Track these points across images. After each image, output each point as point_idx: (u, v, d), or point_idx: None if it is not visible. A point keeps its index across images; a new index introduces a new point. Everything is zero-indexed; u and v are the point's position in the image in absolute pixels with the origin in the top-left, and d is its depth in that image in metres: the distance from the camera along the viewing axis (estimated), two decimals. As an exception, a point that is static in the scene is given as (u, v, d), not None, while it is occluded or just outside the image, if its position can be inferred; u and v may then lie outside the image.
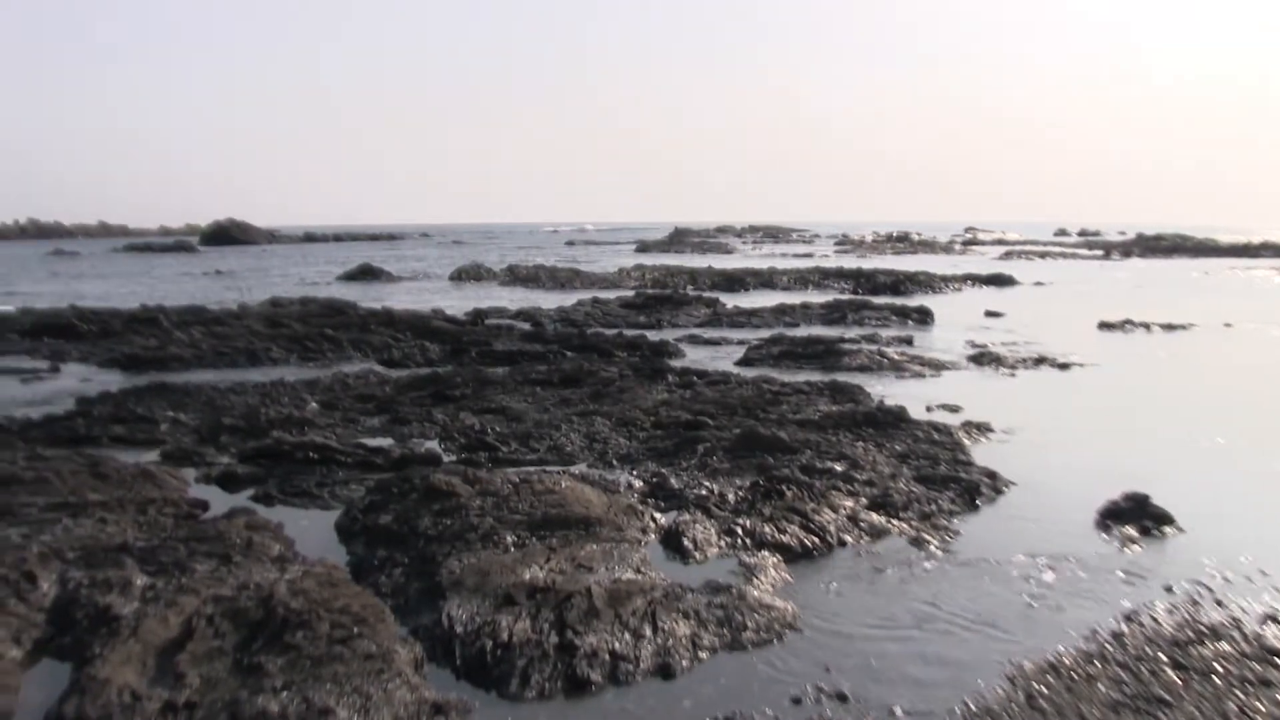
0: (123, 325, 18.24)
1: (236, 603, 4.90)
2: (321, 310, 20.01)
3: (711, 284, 29.08)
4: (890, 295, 25.12)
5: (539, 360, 13.61)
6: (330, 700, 3.99)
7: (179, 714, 4.01)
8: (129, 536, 6.12)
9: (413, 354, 14.64)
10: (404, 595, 5.29)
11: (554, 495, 6.52)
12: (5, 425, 9.79)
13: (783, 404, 10.01)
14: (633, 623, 4.76)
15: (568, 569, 5.40)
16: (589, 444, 8.67)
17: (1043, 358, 13.91)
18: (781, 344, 14.68)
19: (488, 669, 4.44)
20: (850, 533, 6.28)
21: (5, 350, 16.38)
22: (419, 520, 6.17)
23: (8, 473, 7.53)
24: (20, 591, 5.17)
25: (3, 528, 6.29)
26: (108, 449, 8.84)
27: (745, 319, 19.28)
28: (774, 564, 5.73)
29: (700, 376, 11.96)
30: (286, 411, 10.03)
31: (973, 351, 14.53)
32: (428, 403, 10.69)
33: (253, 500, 7.23)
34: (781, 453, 7.92)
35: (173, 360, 14.32)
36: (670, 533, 6.22)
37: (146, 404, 10.71)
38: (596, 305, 21.83)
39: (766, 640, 4.77)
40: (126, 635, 4.60)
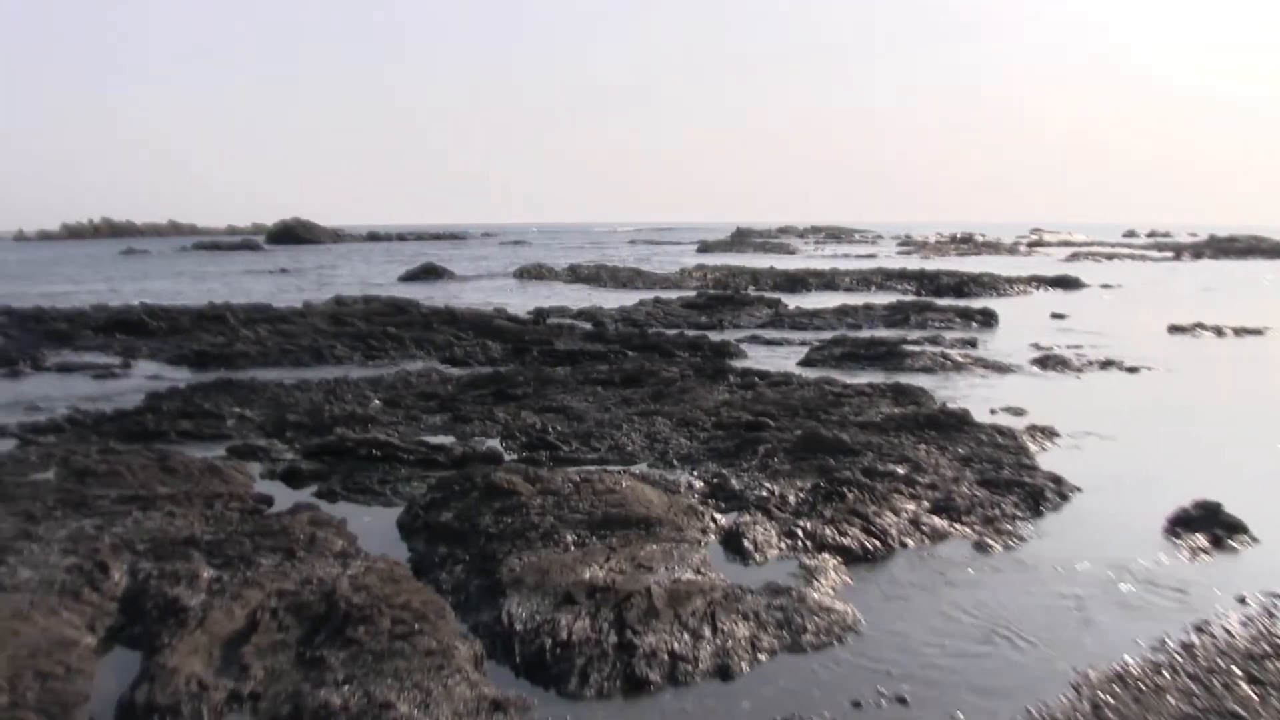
0: (191, 322, 18.55)
1: (300, 597, 4.97)
2: (384, 309, 20.23)
3: (773, 284, 28.96)
4: (954, 297, 24.85)
5: (600, 360, 13.63)
6: (391, 695, 4.03)
7: (244, 704, 4.08)
8: (196, 530, 6.23)
9: (475, 353, 14.73)
10: (464, 592, 5.32)
11: (614, 495, 6.54)
12: (80, 419, 10.01)
13: (844, 406, 9.95)
14: (692, 623, 4.76)
15: (628, 569, 5.41)
16: (650, 444, 8.67)
17: (1110, 361, 13.67)
18: (844, 345, 14.59)
19: (547, 667, 4.46)
20: (912, 536, 6.23)
21: (80, 346, 16.76)
22: (480, 518, 6.21)
23: (82, 465, 7.72)
24: (94, 581, 5.30)
25: (77, 518, 6.45)
26: (176, 444, 9.01)
27: (807, 320, 19.18)
28: (834, 566, 5.69)
29: (762, 377, 11.91)
30: (350, 409, 10.14)
31: (1038, 354, 14.32)
32: (489, 401, 10.76)
33: (316, 496, 7.33)
34: (843, 455, 7.86)
35: (239, 357, 14.55)
36: (730, 534, 6.21)
37: (214, 400, 10.89)
38: (658, 305, 21.83)
39: (826, 643, 4.74)
40: (194, 626, 4.68)
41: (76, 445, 8.71)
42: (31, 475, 7.67)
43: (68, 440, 9.11)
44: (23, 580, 5.24)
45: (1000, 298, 25.32)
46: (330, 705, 3.94)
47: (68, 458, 8.07)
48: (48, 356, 15.41)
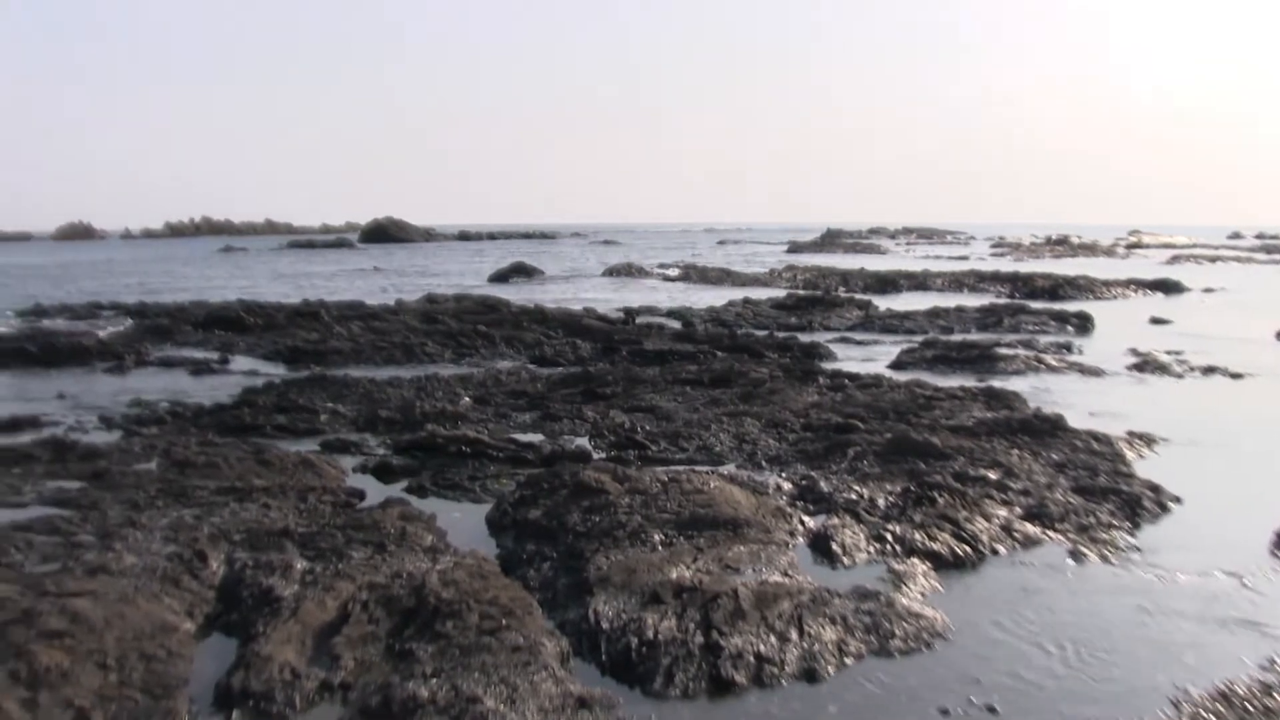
0: (286, 319, 18.94)
1: (390, 590, 5.05)
2: (475, 307, 20.45)
3: (864, 286, 28.71)
4: (1048, 300, 24.36)
5: (689, 360, 13.62)
6: (478, 689, 4.07)
7: (334, 694, 4.16)
8: (290, 522, 6.36)
9: (564, 351, 14.82)
10: (552, 589, 5.36)
11: (702, 495, 6.53)
12: (180, 413, 10.29)
13: (935, 409, 9.82)
14: (779, 626, 4.74)
15: (715, 569, 5.40)
16: (738, 444, 8.65)
17: (1213, 367, 13.26)
18: (935, 348, 14.41)
19: (632, 666, 4.47)
20: (1003, 543, 6.13)
21: (180, 342, 17.23)
22: (568, 516, 6.24)
23: (182, 457, 7.94)
24: (193, 569, 5.44)
25: (177, 508, 6.63)
26: (271, 437, 9.22)
27: (898, 322, 18.96)
28: (924, 572, 5.62)
29: (851, 379, 11.81)
30: (440, 405, 10.27)
31: (1136, 359, 13.97)
32: (578, 400, 10.82)
33: (407, 491, 7.43)
34: (933, 459, 7.77)
35: (333, 354, 14.81)
36: (819, 536, 6.17)
37: (308, 395, 11.10)
38: (747, 305, 21.76)
39: (915, 649, 4.68)
40: (287, 616, 4.79)
41: (177, 437, 8.98)
42: (135, 465, 7.91)
43: (169, 432, 9.38)
44: (128, 566, 5.41)
45: (1096, 301, 24.76)
46: (418, 697, 3.99)
47: (169, 449, 8.31)
48: (151, 351, 15.87)
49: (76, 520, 6.36)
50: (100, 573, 5.30)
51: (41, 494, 7.13)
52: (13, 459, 8.08)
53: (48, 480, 7.51)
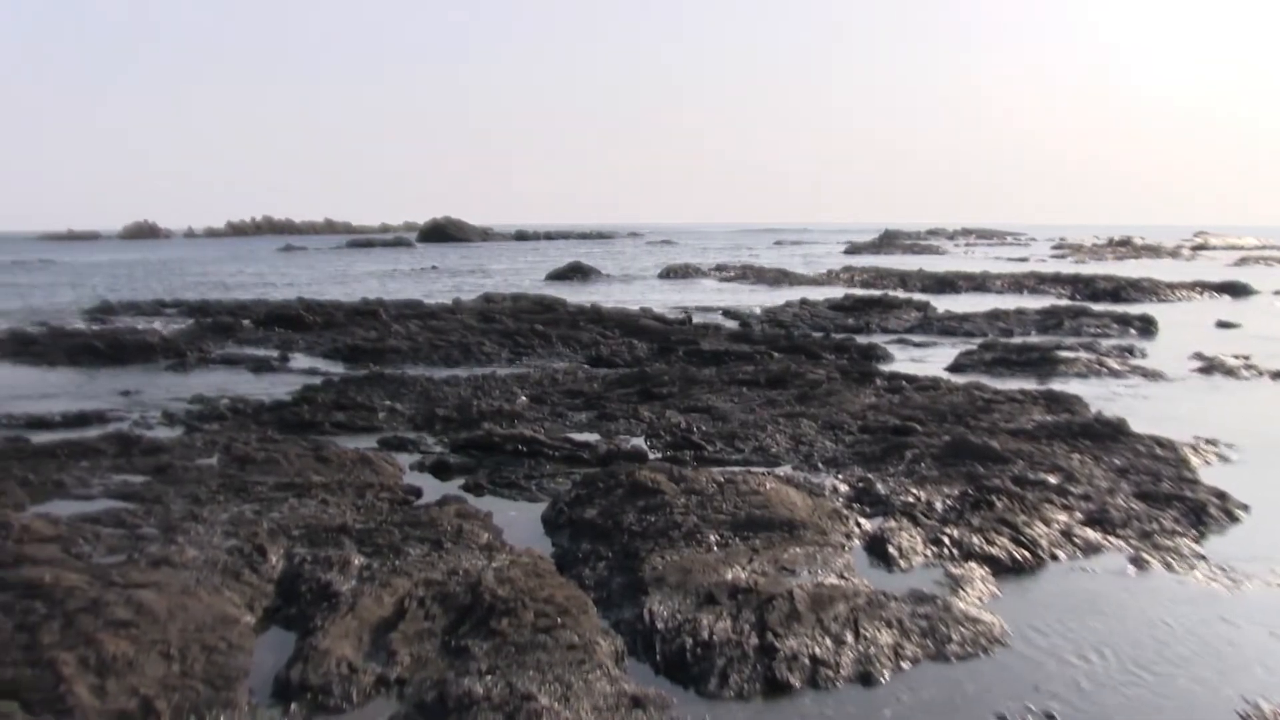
0: (345, 317, 19.15)
1: (446, 587, 5.08)
2: (532, 307, 20.55)
3: (922, 287, 28.48)
4: (1110, 302, 24.01)
5: (746, 360, 13.58)
6: (533, 687, 4.08)
7: (390, 689, 4.20)
8: (348, 518, 6.42)
9: (620, 351, 14.84)
10: (607, 588, 5.37)
11: (758, 496, 6.51)
12: (240, 409, 10.44)
13: (994, 412, 9.71)
14: (834, 628, 4.71)
15: (770, 571, 5.38)
16: (794, 446, 8.62)
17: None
18: (994, 350, 14.26)
19: (687, 666, 4.46)
20: (1063, 548, 6.04)
21: (242, 339, 17.47)
22: (624, 515, 6.25)
23: (242, 453, 8.04)
24: (253, 563, 5.52)
25: (238, 503, 6.73)
26: (330, 434, 9.33)
27: (956, 324, 18.78)
28: (981, 576, 5.56)
29: (909, 381, 11.72)
30: (497, 404, 10.33)
31: (1201, 363, 13.71)
32: (635, 400, 10.83)
33: (463, 489, 7.47)
34: (992, 462, 7.68)
35: (391, 352, 14.94)
36: (875, 539, 6.13)
37: (366, 393, 11.22)
38: (804, 306, 21.67)
39: (972, 654, 4.63)
40: (345, 611, 4.83)
41: (237, 434, 9.10)
42: (197, 461, 8.03)
43: (230, 429, 9.52)
44: (190, 559, 5.49)
45: (1161, 303, 24.34)
46: (473, 694, 4.02)
47: (230, 445, 8.43)
48: (212, 348, 16.12)
49: (141, 513, 6.48)
50: (164, 565, 5.39)
51: (108, 487, 7.27)
52: (81, 453, 8.25)
53: (114, 474, 7.65)
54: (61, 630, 4.39)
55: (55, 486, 7.29)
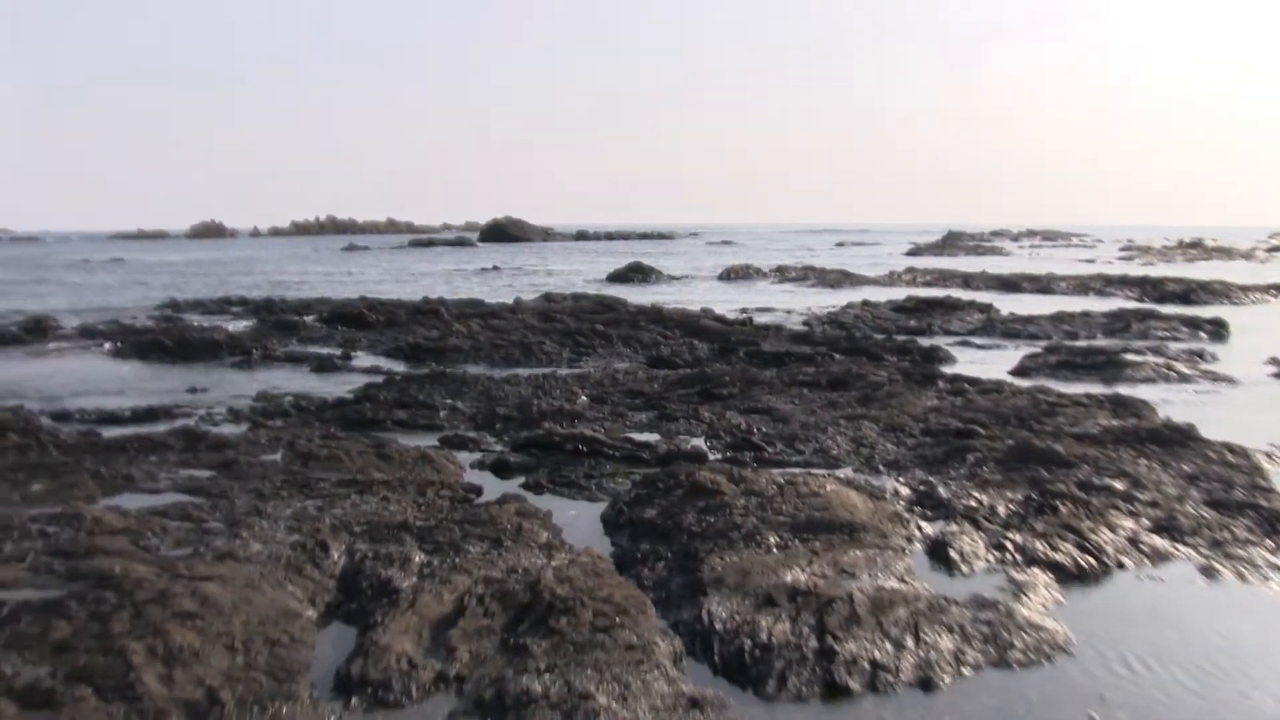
0: (407, 316, 19.32)
1: (505, 585, 5.11)
2: (592, 306, 20.60)
3: (986, 288, 28.17)
4: (1180, 304, 23.56)
5: (807, 362, 13.52)
6: (591, 686, 4.09)
7: (449, 685, 4.23)
8: (409, 515, 6.48)
9: (681, 352, 14.82)
10: (665, 589, 5.36)
11: (819, 498, 6.47)
12: (304, 407, 10.58)
13: (1059, 416, 9.58)
14: (894, 632, 4.67)
15: (830, 573, 5.35)
16: (855, 448, 8.55)
17: (1364, 378, 12.64)
18: (1059, 353, 14.06)
19: (745, 668, 4.45)
20: (1130, 555, 5.94)
21: (305, 337, 17.68)
22: (683, 516, 6.24)
23: (305, 450, 8.14)
24: (315, 558, 5.59)
25: (301, 499, 6.82)
26: (391, 432, 9.41)
27: (1020, 326, 18.54)
28: (1045, 583, 5.48)
29: (972, 384, 11.58)
30: (558, 404, 10.37)
31: (1276, 369, 13.41)
32: (695, 400, 10.81)
33: (523, 488, 7.51)
34: (1057, 466, 7.57)
35: (452, 351, 15.03)
36: (936, 543, 6.06)
37: (427, 391, 11.31)
38: (866, 308, 21.50)
39: (1035, 661, 4.57)
40: (405, 607, 4.88)
41: (301, 430, 9.22)
42: (261, 456, 8.14)
43: (293, 425, 9.64)
44: (254, 553, 5.58)
45: (1233, 306, 23.81)
46: (531, 692, 4.03)
47: (293, 442, 8.54)
48: (277, 346, 16.33)
49: (207, 508, 6.59)
50: (228, 559, 5.48)
51: (175, 481, 7.40)
52: (149, 447, 8.40)
53: (180, 469, 7.78)
54: (131, 620, 4.48)
55: (125, 480, 7.43)
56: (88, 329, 18.90)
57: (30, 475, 7.48)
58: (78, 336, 18.23)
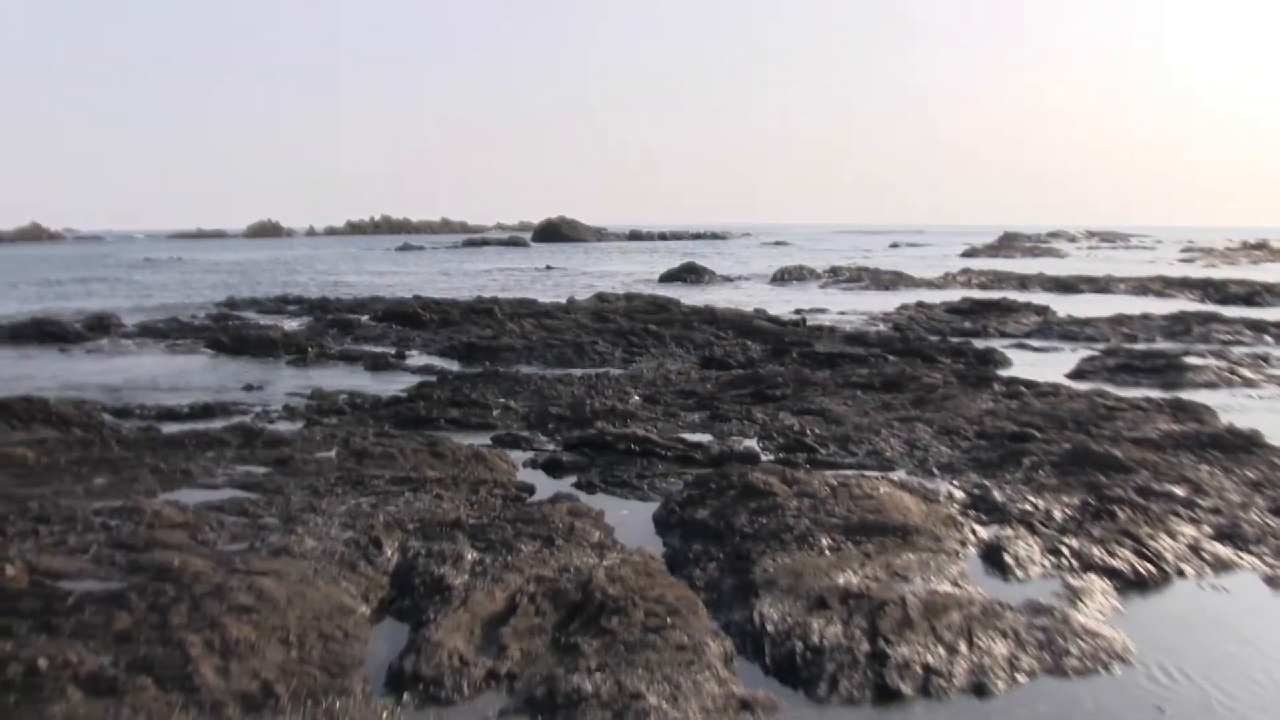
0: (460, 315, 19.44)
1: (557, 584, 5.12)
2: (645, 306, 20.61)
3: (1043, 290, 27.86)
4: (1243, 307, 23.10)
5: (860, 363, 13.43)
6: (641, 686, 4.09)
7: (500, 683, 4.25)
8: (462, 513, 6.51)
9: (734, 352, 14.78)
10: (717, 590, 5.35)
11: (872, 500, 6.43)
12: (358, 404, 10.68)
13: (1117, 420, 9.43)
14: (947, 636, 4.62)
15: (883, 576, 5.31)
16: (909, 450, 8.49)
17: None
18: (1118, 356, 13.86)
19: (796, 670, 4.43)
20: (1190, 563, 5.83)
21: (359, 335, 17.85)
22: (735, 517, 6.22)
23: (360, 447, 8.21)
24: (369, 555, 5.63)
25: (355, 496, 6.88)
26: (445, 430, 9.47)
27: (1078, 329, 18.31)
28: (1102, 589, 5.40)
29: (1028, 387, 11.45)
30: (610, 403, 10.37)
31: (1348, 374, 13.11)
32: (748, 401, 10.78)
33: (575, 487, 7.52)
34: (1115, 471, 7.46)
35: (505, 350, 15.09)
36: (991, 547, 6.00)
37: (480, 390, 11.36)
38: (920, 309, 21.33)
39: (1091, 669, 4.50)
40: (457, 605, 4.90)
41: (355, 428, 9.30)
42: (316, 454, 8.22)
43: (348, 423, 9.73)
44: (308, 549, 5.63)
45: (1299, 310, 23.33)
46: (582, 691, 4.04)
47: (348, 439, 8.62)
48: (331, 344, 16.51)
49: (262, 503, 6.66)
50: (283, 554, 5.54)
51: (231, 477, 7.49)
52: (207, 443, 8.51)
53: (237, 465, 7.88)
54: (189, 613, 4.55)
55: (183, 475, 7.54)
56: (148, 326, 19.22)
57: (93, 469, 7.62)
58: (138, 334, 18.53)
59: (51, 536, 5.79)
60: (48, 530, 5.89)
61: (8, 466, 7.65)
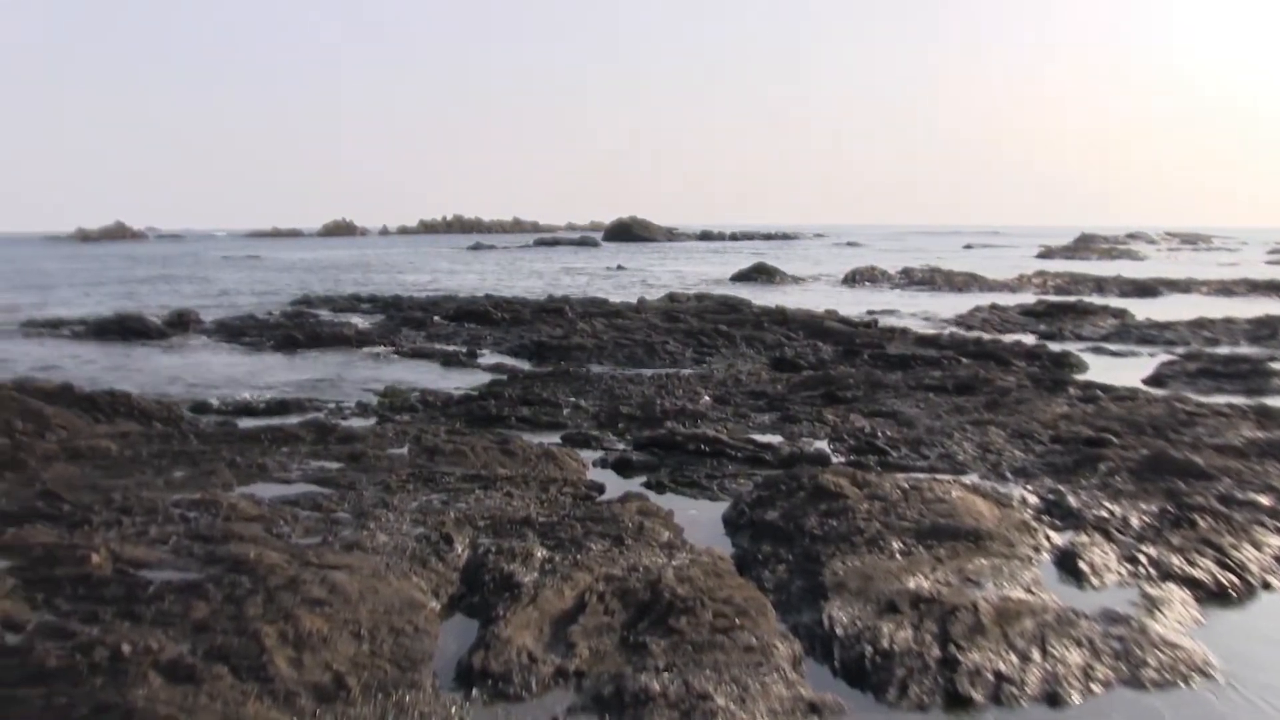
0: (531, 314, 19.55)
1: (626, 583, 5.12)
2: (716, 306, 20.57)
3: (1120, 293, 27.37)
4: (1334, 311, 22.47)
5: (933, 365, 13.29)
6: (709, 687, 4.08)
7: (568, 680, 4.25)
8: (532, 511, 6.54)
9: (805, 353, 14.70)
10: (786, 591, 5.32)
11: (944, 504, 6.35)
12: (430, 402, 10.77)
13: (1198, 426, 9.22)
14: (1020, 644, 4.55)
15: (954, 581, 5.24)
16: (982, 454, 8.38)
17: None
18: (1198, 361, 13.56)
19: (865, 674, 4.38)
20: (1277, 575, 5.68)
21: (432, 334, 18.03)
22: (805, 519, 6.18)
23: (431, 444, 8.29)
24: (439, 551, 5.68)
25: (426, 492, 6.94)
26: (515, 429, 9.53)
27: (1157, 332, 17.95)
28: (1182, 600, 5.27)
29: (1105, 391, 11.24)
30: (680, 403, 10.37)
31: None
32: (818, 403, 10.71)
33: (645, 487, 7.52)
34: (1195, 478, 7.29)
35: (576, 349, 15.13)
36: (1065, 553, 5.89)
37: (551, 389, 11.41)
38: (994, 311, 21.05)
39: (1170, 682, 4.38)
40: (526, 602, 4.92)
41: (427, 425, 9.39)
42: (388, 450, 8.31)
43: (420, 420, 9.83)
44: (380, 544, 5.69)
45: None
46: (650, 690, 4.04)
47: (419, 436, 8.70)
48: (404, 342, 16.69)
49: (335, 498, 6.76)
50: (356, 549, 5.61)
51: (306, 472, 7.60)
52: (282, 439, 8.65)
53: (311, 460, 7.99)
54: (264, 604, 4.63)
55: (259, 470, 7.66)
56: (225, 323, 19.58)
57: (173, 462, 7.79)
58: (216, 330, 18.88)
59: (134, 527, 5.93)
60: (130, 521, 6.04)
61: (93, 458, 7.85)
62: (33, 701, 3.74)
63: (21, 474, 7.33)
